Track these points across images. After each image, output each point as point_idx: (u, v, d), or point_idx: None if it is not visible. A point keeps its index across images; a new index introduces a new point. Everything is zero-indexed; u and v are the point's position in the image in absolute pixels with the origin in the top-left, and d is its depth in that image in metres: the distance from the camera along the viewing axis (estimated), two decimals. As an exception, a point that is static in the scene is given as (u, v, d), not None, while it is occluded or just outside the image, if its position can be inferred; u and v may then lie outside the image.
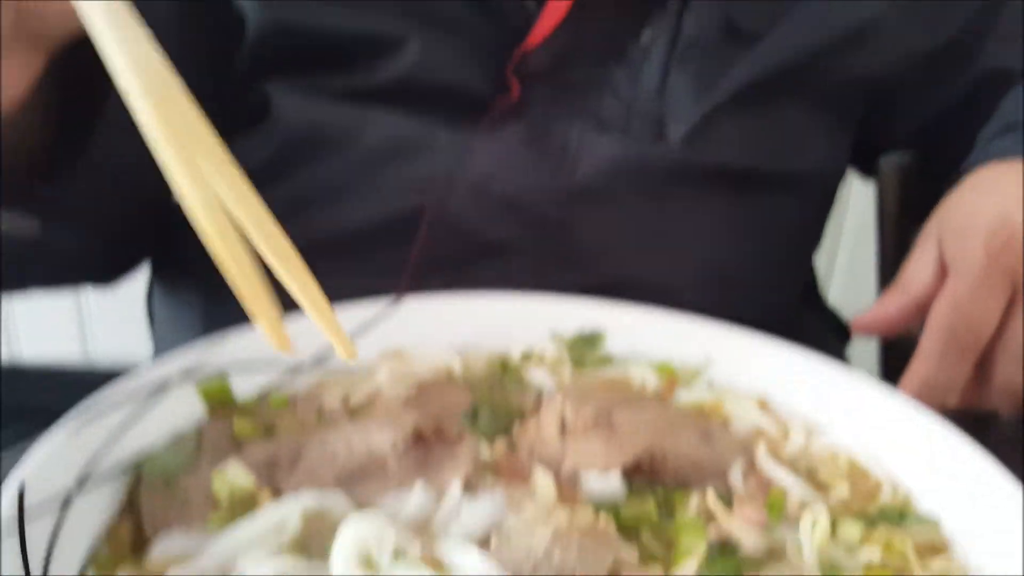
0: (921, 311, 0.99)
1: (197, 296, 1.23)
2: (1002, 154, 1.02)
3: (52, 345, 2.41)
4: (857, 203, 2.33)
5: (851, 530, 0.70)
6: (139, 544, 0.66)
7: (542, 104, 1.12)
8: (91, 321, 2.36)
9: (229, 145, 1.21)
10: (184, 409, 0.79)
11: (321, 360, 0.90)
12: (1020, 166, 0.99)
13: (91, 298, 2.34)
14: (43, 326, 2.39)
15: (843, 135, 1.29)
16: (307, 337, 0.90)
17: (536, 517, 0.64)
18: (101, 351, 2.34)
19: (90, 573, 0.62)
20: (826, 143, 1.26)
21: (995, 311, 0.91)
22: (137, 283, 1.37)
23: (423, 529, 0.65)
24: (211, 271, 1.24)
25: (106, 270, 1.24)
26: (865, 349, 1.49)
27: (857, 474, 0.80)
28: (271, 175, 1.16)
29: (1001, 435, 1.05)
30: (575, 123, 1.12)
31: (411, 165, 1.11)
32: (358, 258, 1.13)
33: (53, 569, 0.59)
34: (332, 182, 1.13)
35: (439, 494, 0.68)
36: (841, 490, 0.76)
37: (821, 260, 1.48)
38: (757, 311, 1.01)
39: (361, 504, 0.68)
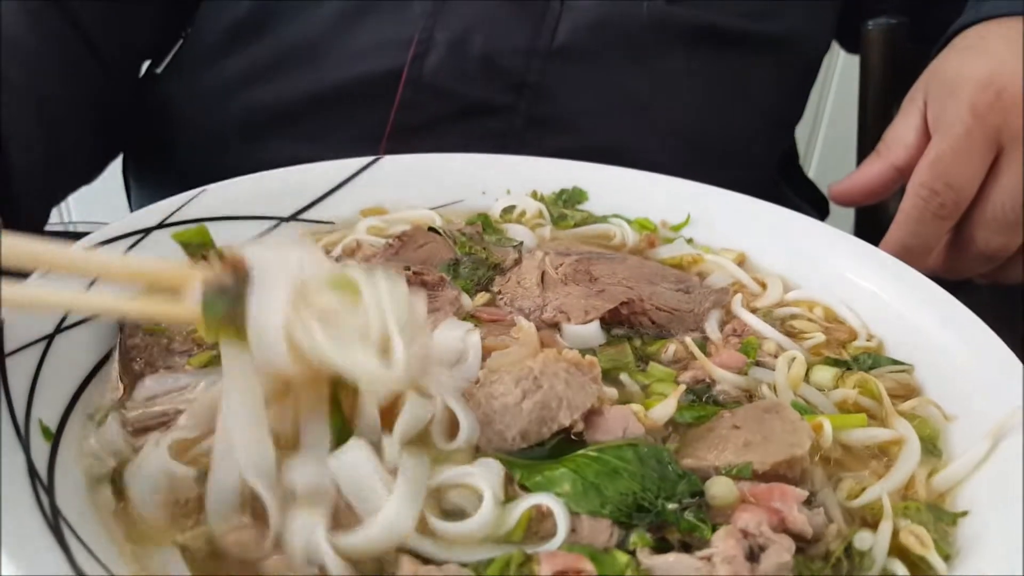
0: (901, 176, 0.99)
1: (170, 174, 1.22)
2: (993, 12, 1.00)
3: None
4: (841, 79, 2.31)
5: (824, 374, 0.72)
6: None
7: None
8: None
9: (206, 4, 1.19)
10: (164, 257, 0.78)
11: (299, 215, 0.89)
12: (1010, 24, 0.98)
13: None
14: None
15: None
16: (287, 194, 0.90)
17: (522, 353, 0.64)
18: (78, 218, 2.30)
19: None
20: (813, 5, 1.24)
21: (977, 171, 0.90)
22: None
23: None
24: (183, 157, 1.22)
25: (92, 166, 1.23)
26: (840, 225, 1.49)
27: (833, 323, 0.81)
28: (248, 33, 1.13)
29: (975, 303, 1.06)
30: None
31: (387, 22, 1.08)
32: (338, 117, 1.11)
33: (37, 406, 0.59)
34: (309, 39, 1.11)
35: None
36: (816, 337, 0.78)
37: (803, 134, 1.48)
38: (736, 179, 1.01)
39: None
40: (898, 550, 0.55)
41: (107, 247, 0.74)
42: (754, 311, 0.81)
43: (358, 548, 0.51)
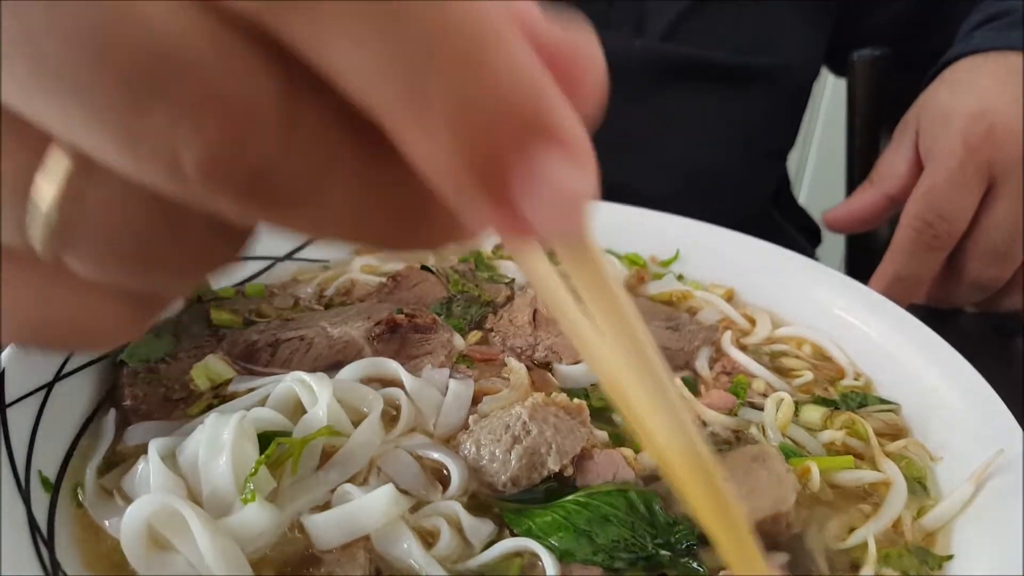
0: (894, 205, 1.00)
1: None
2: (983, 46, 1.02)
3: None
4: (830, 106, 2.33)
5: (813, 414, 0.73)
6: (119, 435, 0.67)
7: None
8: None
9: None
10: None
11: (294, 255, 0.90)
12: (1000, 58, 0.99)
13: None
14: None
15: (820, 27, 1.28)
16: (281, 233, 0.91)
17: (513, 397, 0.65)
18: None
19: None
20: (803, 36, 1.25)
21: (969, 204, 0.92)
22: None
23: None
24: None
25: None
26: (832, 252, 1.51)
27: (821, 360, 0.82)
28: None
29: (965, 331, 1.07)
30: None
31: None
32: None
33: (37, 454, 0.60)
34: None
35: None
36: (805, 376, 0.79)
37: (792, 161, 1.49)
38: (730, 210, 1.02)
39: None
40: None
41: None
42: (743, 348, 0.82)
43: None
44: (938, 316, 0.83)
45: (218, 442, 0.56)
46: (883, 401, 0.76)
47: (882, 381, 0.79)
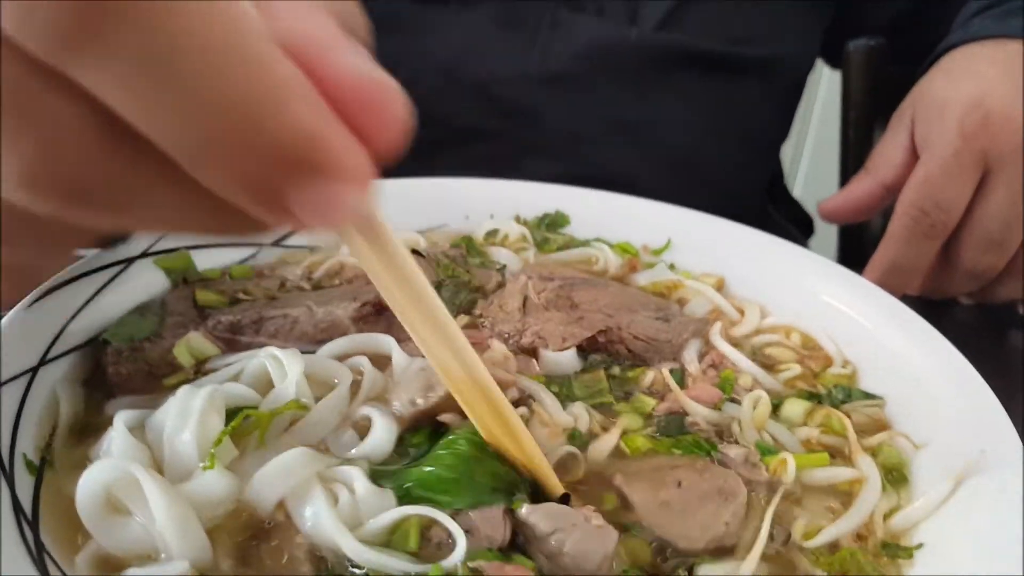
0: (889, 194, 1.00)
1: None
2: (980, 34, 1.02)
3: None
4: (825, 98, 2.31)
5: (796, 408, 0.72)
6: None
7: None
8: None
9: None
10: (147, 285, 0.79)
11: (282, 240, 0.90)
12: (997, 46, 0.99)
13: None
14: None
15: (817, 19, 1.28)
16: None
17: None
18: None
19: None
20: (799, 28, 1.25)
21: (965, 192, 0.92)
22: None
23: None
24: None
25: None
26: (825, 244, 1.50)
27: (809, 348, 0.82)
28: None
29: (959, 323, 1.07)
30: (549, 4, 1.10)
31: (375, 45, 1.09)
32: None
33: (21, 439, 0.60)
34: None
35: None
36: (792, 369, 0.78)
37: (787, 154, 1.48)
38: (724, 202, 1.01)
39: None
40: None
41: (91, 277, 0.75)
42: (733, 340, 0.81)
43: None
44: (932, 308, 0.83)
45: (185, 414, 0.56)
46: (868, 395, 0.75)
47: (870, 369, 0.78)
